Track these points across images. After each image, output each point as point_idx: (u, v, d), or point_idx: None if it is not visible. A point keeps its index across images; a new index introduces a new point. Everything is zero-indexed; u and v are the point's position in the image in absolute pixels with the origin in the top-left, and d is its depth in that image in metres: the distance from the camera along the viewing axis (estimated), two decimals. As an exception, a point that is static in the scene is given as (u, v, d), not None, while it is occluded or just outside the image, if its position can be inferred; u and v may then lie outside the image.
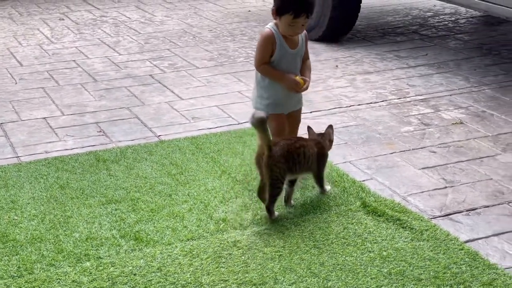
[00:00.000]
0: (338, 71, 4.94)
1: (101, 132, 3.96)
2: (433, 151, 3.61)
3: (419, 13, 6.58)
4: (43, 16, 6.87)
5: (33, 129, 4.01)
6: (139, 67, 5.15)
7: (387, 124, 3.98)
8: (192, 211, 3.03)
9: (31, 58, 5.42)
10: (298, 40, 3.17)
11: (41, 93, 4.61)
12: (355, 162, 3.51)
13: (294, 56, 3.17)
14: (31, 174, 3.40)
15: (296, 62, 3.19)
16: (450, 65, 5.00)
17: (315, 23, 5.59)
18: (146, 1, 7.45)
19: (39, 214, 3.02)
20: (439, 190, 3.20)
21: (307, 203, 3.07)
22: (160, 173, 3.40)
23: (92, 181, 3.32)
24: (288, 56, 3.14)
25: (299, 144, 3.03)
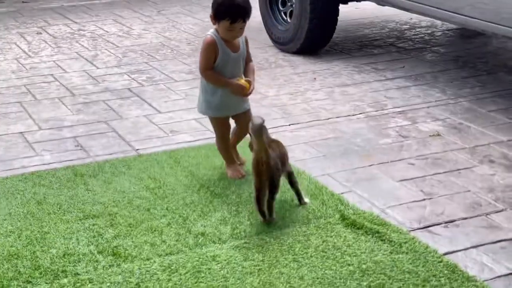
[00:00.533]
0: (316, 84, 4.96)
1: (79, 146, 3.93)
2: (411, 163, 3.63)
3: (396, 25, 6.64)
4: (20, 30, 6.83)
5: (10, 144, 3.97)
6: (117, 80, 5.13)
7: (365, 136, 4.00)
8: (170, 225, 3.01)
9: (8, 72, 5.38)
10: (239, 43, 3.32)
11: (18, 108, 4.57)
12: (333, 175, 3.51)
13: (237, 59, 3.32)
14: (7, 189, 3.37)
15: (239, 65, 3.35)
16: (427, 77, 5.04)
17: (293, 35, 5.61)
18: (124, 15, 7.44)
19: (15, 230, 2.99)
20: (417, 202, 3.22)
21: (286, 216, 3.07)
22: (138, 187, 3.38)
23: (70, 196, 3.29)
24: (231, 60, 3.29)
25: (281, 144, 3.16)
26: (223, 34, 3.26)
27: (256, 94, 4.73)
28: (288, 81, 5.04)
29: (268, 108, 4.48)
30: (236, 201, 3.23)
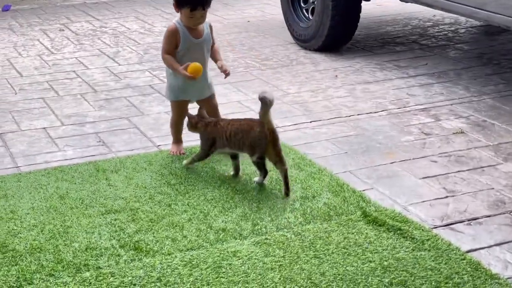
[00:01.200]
0: (337, 81, 4.94)
1: (101, 142, 3.95)
2: (434, 161, 3.60)
3: (419, 23, 6.59)
4: (43, 27, 6.87)
5: (33, 139, 4.00)
6: (139, 77, 5.15)
7: (387, 133, 3.98)
8: (191, 221, 3.02)
9: (31, 69, 5.42)
10: (203, 30, 3.51)
11: (41, 104, 4.60)
12: (355, 172, 3.50)
13: (200, 45, 3.52)
14: (30, 184, 3.39)
15: (203, 50, 3.53)
16: (450, 74, 5.00)
17: (314, 33, 5.59)
18: (145, 12, 7.47)
19: (38, 224, 3.01)
20: (440, 199, 3.19)
21: (307, 212, 3.06)
22: (160, 183, 3.39)
23: (92, 191, 3.31)
24: (194, 46, 3.50)
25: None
26: (185, 21, 3.46)
27: (278, 91, 4.73)
28: (310, 78, 5.03)
29: (289, 105, 4.47)
30: (257, 197, 3.22)
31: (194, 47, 3.51)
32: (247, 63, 5.44)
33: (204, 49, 3.55)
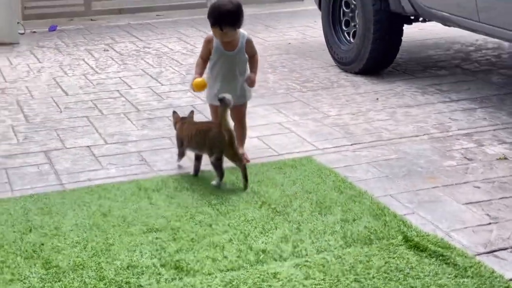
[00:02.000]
0: (378, 104, 4.93)
1: (143, 161, 4.00)
2: (477, 186, 3.56)
3: (461, 47, 6.55)
4: (89, 47, 7.01)
5: (77, 157, 4.07)
6: (181, 97, 5.21)
7: (429, 158, 3.95)
8: (232, 241, 3.03)
9: (76, 88, 5.52)
10: (237, 44, 3.81)
11: (85, 122, 4.69)
12: (396, 196, 3.48)
13: (231, 57, 3.82)
14: (74, 201, 3.45)
15: (235, 62, 3.83)
16: (493, 99, 4.95)
17: (356, 55, 5.60)
18: (188, 33, 7.56)
19: (81, 241, 3.05)
20: (483, 226, 3.15)
21: (347, 235, 3.05)
22: (201, 202, 3.42)
23: (134, 209, 3.35)
24: (225, 57, 3.82)
25: None
26: (217, 37, 3.79)
27: (318, 113, 4.74)
28: (350, 101, 5.03)
29: (330, 127, 4.47)
30: (297, 218, 3.23)
31: (226, 58, 3.81)
32: (288, 85, 5.46)
33: (235, 61, 3.83)
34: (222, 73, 3.84)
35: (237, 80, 3.86)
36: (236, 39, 3.81)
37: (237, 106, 3.81)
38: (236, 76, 3.85)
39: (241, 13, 3.76)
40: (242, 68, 3.87)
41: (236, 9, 3.73)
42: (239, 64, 3.85)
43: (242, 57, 3.85)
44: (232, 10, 3.72)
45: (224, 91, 3.73)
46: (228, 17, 3.72)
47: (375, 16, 5.41)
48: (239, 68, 3.86)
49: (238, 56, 3.83)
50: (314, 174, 3.72)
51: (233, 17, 3.73)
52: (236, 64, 3.84)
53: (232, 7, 3.72)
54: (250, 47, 3.87)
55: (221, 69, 3.84)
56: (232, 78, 3.85)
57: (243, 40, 3.83)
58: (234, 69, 3.85)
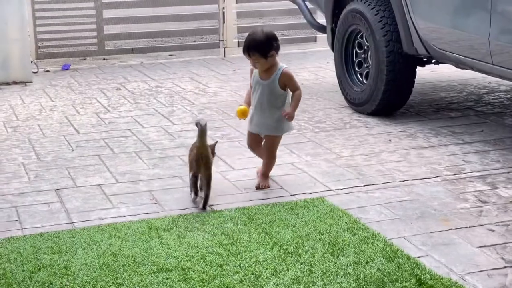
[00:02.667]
0: (391, 145, 4.91)
1: (154, 200, 3.98)
2: (491, 229, 3.52)
3: (474, 89, 6.55)
4: (101, 86, 7.05)
5: (88, 195, 4.06)
6: (193, 137, 5.17)
7: (442, 200, 3.91)
8: (243, 283, 2.99)
9: (88, 126, 5.54)
10: (273, 74, 4.04)
11: (97, 161, 4.68)
12: (409, 238, 3.43)
13: (264, 86, 4.05)
14: (84, 240, 3.42)
15: (265, 91, 4.05)
16: (507, 142, 4.92)
17: (368, 97, 5.60)
18: (200, 73, 7.60)
19: (91, 280, 3.02)
20: (498, 270, 3.10)
21: (360, 278, 3.01)
22: (212, 243, 3.39)
23: (144, 249, 3.32)
24: (259, 85, 4.07)
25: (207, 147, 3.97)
26: (251, 65, 4.09)
27: (331, 154, 4.73)
28: (363, 142, 5.01)
29: (342, 168, 4.44)
30: (309, 260, 3.19)
31: (259, 86, 4.07)
32: (300, 125, 5.45)
33: (266, 90, 4.04)
34: (256, 101, 4.08)
35: (269, 110, 4.06)
36: (272, 70, 4.03)
37: (270, 136, 4.13)
38: (268, 106, 4.06)
39: (270, 43, 3.98)
40: (275, 99, 4.05)
41: (264, 38, 3.97)
42: (271, 94, 4.04)
43: (274, 88, 4.02)
44: (258, 39, 3.97)
45: (258, 119, 4.09)
46: (254, 45, 3.97)
47: (388, 58, 5.42)
48: (271, 99, 4.05)
49: (270, 86, 4.03)
50: (327, 215, 3.68)
51: (259, 45, 3.96)
52: (269, 94, 4.04)
53: (259, 36, 3.98)
54: (286, 79, 4.04)
55: (256, 97, 4.08)
56: (265, 107, 4.06)
57: (278, 72, 4.02)
58: (266, 99, 4.05)
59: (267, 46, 3.97)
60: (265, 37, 3.98)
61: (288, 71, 4.06)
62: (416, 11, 5.24)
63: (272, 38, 4.00)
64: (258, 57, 3.98)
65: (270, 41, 3.99)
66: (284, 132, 4.18)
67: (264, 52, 3.96)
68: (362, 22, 5.66)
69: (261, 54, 3.97)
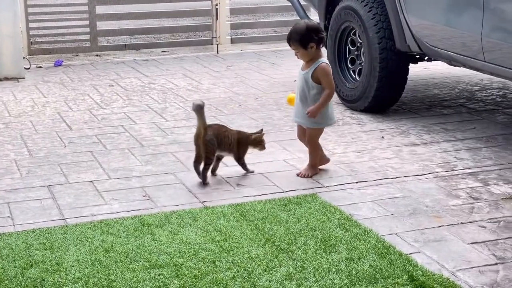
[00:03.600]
0: (384, 142, 4.92)
1: (147, 196, 3.98)
2: (483, 226, 3.53)
3: (466, 86, 6.56)
4: (94, 82, 7.04)
5: (80, 192, 4.05)
6: (185, 133, 5.21)
7: (434, 196, 3.92)
8: (235, 279, 2.99)
9: (81, 123, 5.53)
10: (309, 67, 4.15)
11: (89, 157, 4.68)
12: (401, 234, 3.44)
13: (300, 77, 4.21)
14: (76, 236, 3.42)
15: (302, 82, 4.19)
16: (499, 139, 4.94)
17: (361, 93, 5.61)
18: (193, 69, 7.60)
19: (83, 277, 3.02)
20: (489, 266, 3.11)
21: (352, 274, 3.01)
22: (204, 239, 3.39)
23: (137, 245, 3.32)
24: (299, 75, 4.23)
25: (224, 129, 4.22)
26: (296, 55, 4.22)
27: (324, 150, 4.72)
28: (356, 139, 5.02)
29: (335, 165, 4.45)
30: (301, 256, 3.19)
31: (299, 77, 4.24)
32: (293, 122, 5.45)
33: (302, 81, 4.19)
34: (297, 92, 4.27)
35: (306, 101, 4.19)
36: (313, 62, 4.15)
37: (308, 128, 4.27)
38: (304, 97, 4.20)
39: (309, 34, 4.09)
40: (308, 91, 4.17)
41: (305, 29, 4.11)
42: (305, 86, 4.17)
43: (308, 80, 4.14)
44: (299, 29, 4.12)
45: (297, 110, 4.26)
46: (294, 35, 4.12)
47: (381, 54, 5.43)
48: (305, 91, 4.18)
49: (305, 77, 4.16)
50: (319, 211, 3.69)
51: (299, 35, 4.10)
52: (304, 85, 4.18)
53: (301, 27, 4.13)
54: (320, 74, 4.13)
55: (297, 88, 4.27)
56: (302, 98, 4.21)
57: (316, 64, 4.13)
58: (301, 90, 4.20)
59: (307, 37, 4.09)
60: (305, 28, 4.10)
61: (326, 66, 4.14)
62: (409, 8, 5.25)
63: (312, 30, 4.11)
64: (297, 47, 4.12)
65: (310, 33, 4.10)
66: (319, 125, 4.25)
67: (302, 42, 4.09)
68: (355, 19, 5.66)
69: (301, 44, 4.10)
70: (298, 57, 4.20)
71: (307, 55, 4.14)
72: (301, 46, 4.10)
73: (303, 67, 4.20)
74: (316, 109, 4.12)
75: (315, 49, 4.12)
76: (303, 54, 4.14)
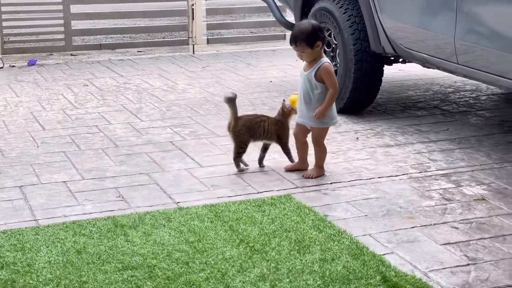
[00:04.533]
0: (358, 143, 4.93)
1: (120, 197, 3.95)
2: (455, 227, 3.56)
3: (440, 88, 6.61)
4: (68, 81, 6.98)
5: (53, 192, 4.01)
6: (160, 133, 5.18)
7: (408, 197, 3.94)
8: (209, 280, 2.98)
9: (54, 123, 5.48)
10: (312, 67, 4.12)
11: (62, 157, 4.63)
12: (375, 235, 3.46)
13: (303, 78, 4.17)
14: (48, 238, 3.38)
15: (305, 82, 4.15)
16: (472, 141, 4.98)
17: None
18: (169, 70, 7.57)
19: (54, 278, 2.99)
20: (461, 267, 3.13)
21: (326, 275, 3.02)
22: (178, 240, 3.37)
23: (109, 247, 3.29)
24: (302, 76, 4.20)
25: (259, 119, 4.33)
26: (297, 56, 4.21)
27: (298, 151, 4.72)
28: (331, 139, 5.03)
29: (310, 166, 4.45)
30: (275, 257, 3.19)
31: (301, 77, 4.20)
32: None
33: (305, 83, 4.15)
34: (299, 92, 4.22)
35: (309, 102, 4.15)
36: (315, 62, 4.12)
37: (313, 128, 4.23)
38: (307, 97, 4.15)
39: (316, 33, 4.06)
40: (312, 90, 4.13)
41: (311, 29, 4.07)
42: (309, 85, 4.13)
43: (312, 80, 4.10)
44: (305, 29, 4.08)
45: (300, 110, 4.22)
46: (300, 35, 4.07)
47: (356, 56, 5.45)
48: (309, 90, 4.14)
49: (308, 77, 4.12)
50: (293, 212, 3.69)
51: (306, 35, 4.05)
52: (307, 85, 4.13)
53: (306, 26, 4.10)
54: (324, 73, 4.09)
55: (299, 88, 4.22)
56: (306, 98, 4.16)
57: (318, 64, 4.10)
58: (305, 90, 4.15)
59: (314, 37, 4.06)
60: (311, 28, 4.07)
61: (329, 66, 4.11)
62: (384, 10, 5.28)
63: (318, 29, 4.09)
64: (304, 47, 4.07)
65: (316, 31, 4.07)
66: (325, 125, 4.22)
67: (310, 42, 4.05)
68: (330, 21, 5.68)
69: (307, 44, 4.05)
70: (302, 58, 4.16)
71: (312, 54, 4.10)
72: (308, 46, 4.06)
73: (305, 68, 4.16)
74: (323, 110, 4.11)
75: (320, 47, 4.10)
76: (309, 54, 4.11)
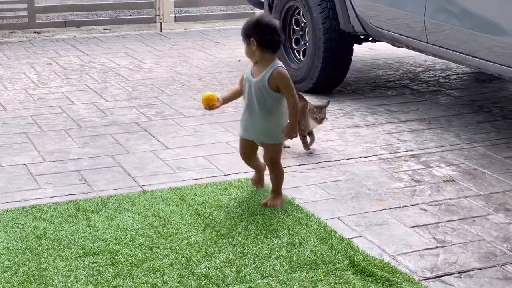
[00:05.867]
0: (327, 124, 4.87)
1: (83, 180, 3.84)
2: (424, 209, 3.52)
3: (410, 67, 6.57)
4: (31, 60, 6.80)
5: (13, 175, 3.89)
6: (125, 114, 5.06)
7: (377, 179, 3.89)
8: (173, 266, 2.90)
9: (16, 103, 5.32)
10: (263, 72, 3.43)
11: (23, 139, 4.50)
12: (343, 218, 3.40)
13: (250, 85, 3.47)
14: (6, 223, 3.27)
15: (252, 91, 3.46)
16: (441, 121, 4.95)
17: (305, 74, 5.55)
18: (135, 48, 7.41)
19: (12, 265, 2.88)
20: (430, 250, 3.10)
21: (293, 260, 2.96)
22: (142, 225, 3.28)
23: (70, 232, 3.19)
24: (248, 83, 3.48)
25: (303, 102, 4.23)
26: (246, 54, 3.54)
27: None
28: (299, 120, 4.95)
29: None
30: (242, 242, 3.12)
31: (248, 85, 3.48)
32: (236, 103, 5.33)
33: (253, 91, 3.45)
34: (246, 102, 3.52)
35: (260, 113, 3.46)
36: (265, 67, 3.43)
37: (266, 144, 3.54)
38: (258, 107, 3.46)
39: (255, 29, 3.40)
40: (263, 101, 3.45)
41: (253, 23, 3.43)
42: (259, 95, 3.44)
43: (263, 88, 3.42)
44: (249, 22, 3.46)
45: (247, 123, 3.53)
46: (243, 25, 3.48)
47: (325, 35, 5.37)
48: (259, 101, 3.45)
49: (258, 85, 3.43)
50: (261, 195, 3.62)
51: (244, 27, 3.45)
52: (256, 95, 3.45)
53: (252, 20, 3.47)
54: (279, 80, 3.41)
55: (245, 97, 3.52)
56: (255, 109, 3.47)
57: (270, 70, 3.42)
58: (253, 100, 3.46)
59: (251, 31, 3.41)
60: (254, 22, 3.43)
61: (284, 71, 3.44)
62: (353, -12, 5.19)
63: (262, 26, 3.41)
64: (249, 46, 3.44)
65: (257, 28, 3.41)
66: (280, 140, 3.57)
67: (246, 35, 3.43)
68: (300, -1, 5.58)
69: (244, 37, 3.45)
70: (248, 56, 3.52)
71: (248, 51, 3.47)
72: (244, 39, 3.46)
73: (254, 74, 3.47)
74: (293, 126, 3.48)
75: (257, 48, 3.41)
76: (246, 51, 3.48)
